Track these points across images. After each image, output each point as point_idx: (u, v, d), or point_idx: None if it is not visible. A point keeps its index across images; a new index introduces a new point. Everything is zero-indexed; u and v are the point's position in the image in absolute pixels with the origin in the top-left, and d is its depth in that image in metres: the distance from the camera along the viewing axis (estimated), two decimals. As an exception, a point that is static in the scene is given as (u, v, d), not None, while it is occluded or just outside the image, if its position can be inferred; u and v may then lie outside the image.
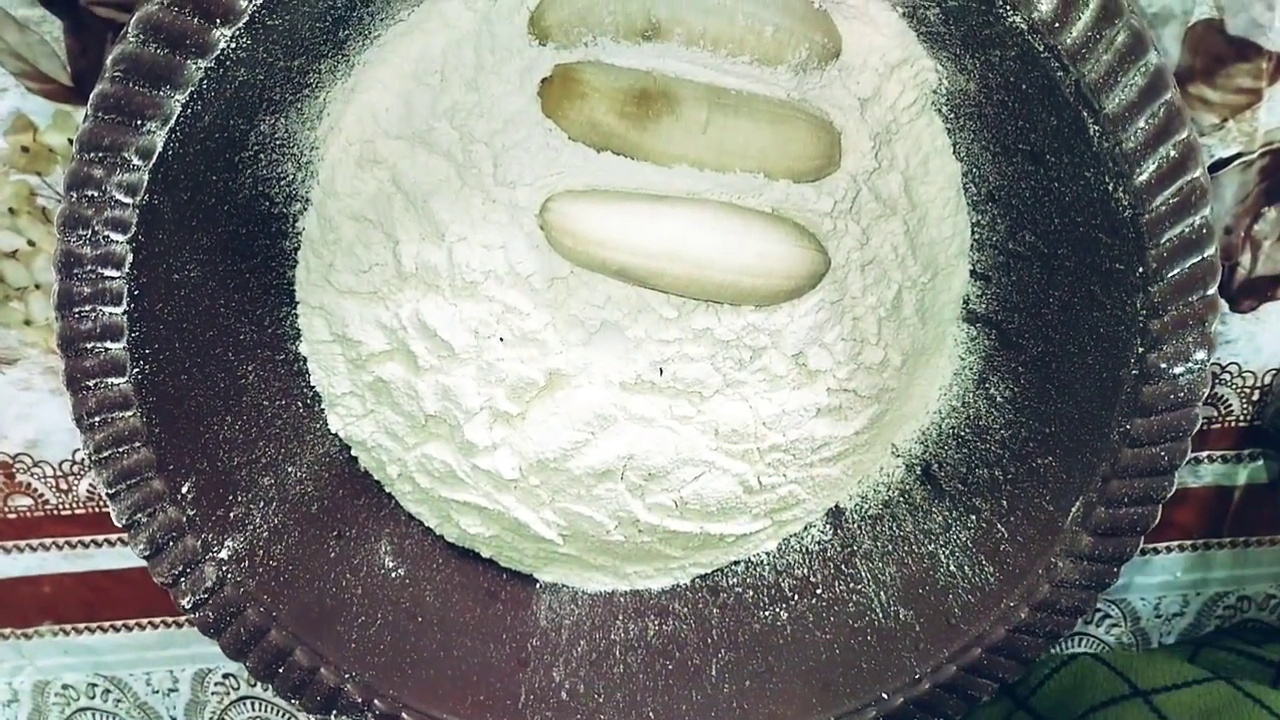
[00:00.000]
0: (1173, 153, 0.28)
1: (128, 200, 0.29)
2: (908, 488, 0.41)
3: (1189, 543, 0.46)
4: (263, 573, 0.36)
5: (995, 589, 0.36)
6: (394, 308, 0.37)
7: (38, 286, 0.41)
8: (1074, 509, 0.34)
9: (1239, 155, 0.38)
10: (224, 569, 0.35)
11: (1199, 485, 0.44)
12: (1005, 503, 0.37)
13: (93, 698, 0.50)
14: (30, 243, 0.40)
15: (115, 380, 0.31)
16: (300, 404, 0.39)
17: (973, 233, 0.38)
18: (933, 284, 0.38)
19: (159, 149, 0.28)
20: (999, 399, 0.38)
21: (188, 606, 0.35)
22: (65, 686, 0.49)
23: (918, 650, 0.37)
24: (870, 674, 0.38)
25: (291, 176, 0.36)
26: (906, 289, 0.37)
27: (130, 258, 0.30)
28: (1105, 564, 0.34)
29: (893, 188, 0.36)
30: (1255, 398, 0.43)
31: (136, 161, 0.28)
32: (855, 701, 0.38)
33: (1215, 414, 0.43)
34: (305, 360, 0.39)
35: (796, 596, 0.41)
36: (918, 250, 0.37)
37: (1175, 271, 0.30)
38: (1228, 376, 0.42)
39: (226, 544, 0.35)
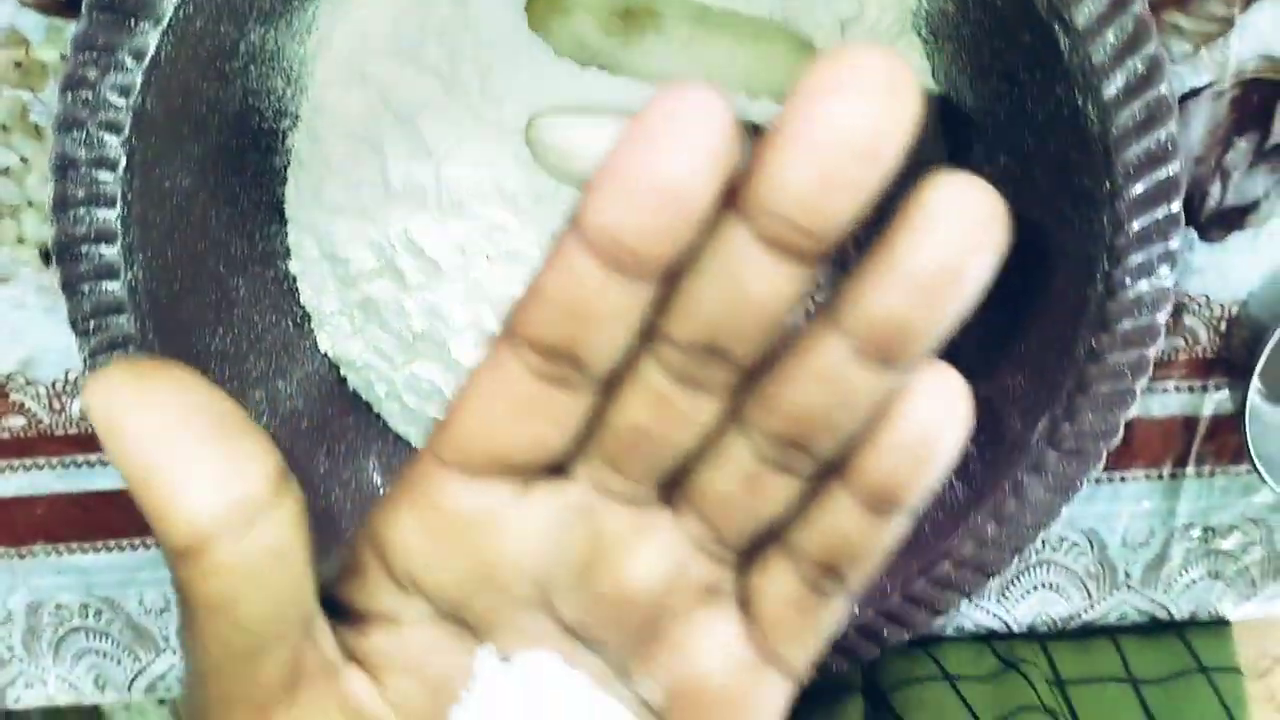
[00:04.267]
0: (1140, 66, 0.29)
1: (121, 102, 0.29)
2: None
3: (1155, 472, 0.47)
4: (253, 481, 0.37)
5: (964, 506, 0.37)
6: (382, 226, 0.37)
7: (30, 204, 0.42)
8: (1040, 426, 0.35)
9: (1210, 84, 0.39)
10: (215, 475, 0.35)
11: (1165, 416, 0.46)
12: (975, 424, 0.38)
13: (85, 618, 0.51)
14: (23, 159, 0.41)
15: (109, 285, 0.32)
16: (290, 322, 0.40)
17: (950, 157, 0.38)
18: (910, 209, 0.39)
19: (151, 50, 0.29)
20: (971, 321, 0.39)
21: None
22: (59, 606, 0.50)
23: (887, 565, 0.39)
24: (843, 587, 0.39)
25: (281, 91, 0.36)
26: (884, 214, 0.38)
27: (124, 160, 0.30)
28: (1069, 479, 0.35)
29: (872, 112, 0.37)
30: (1222, 328, 0.44)
31: (130, 62, 0.29)
32: (828, 613, 0.39)
33: (1182, 344, 0.44)
34: (295, 279, 0.40)
35: (773, 517, 0.43)
36: (896, 175, 0.38)
37: (1140, 187, 0.31)
38: (1195, 307, 0.43)
39: (218, 451, 0.36)
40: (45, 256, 0.42)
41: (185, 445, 0.18)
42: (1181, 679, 0.48)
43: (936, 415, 0.20)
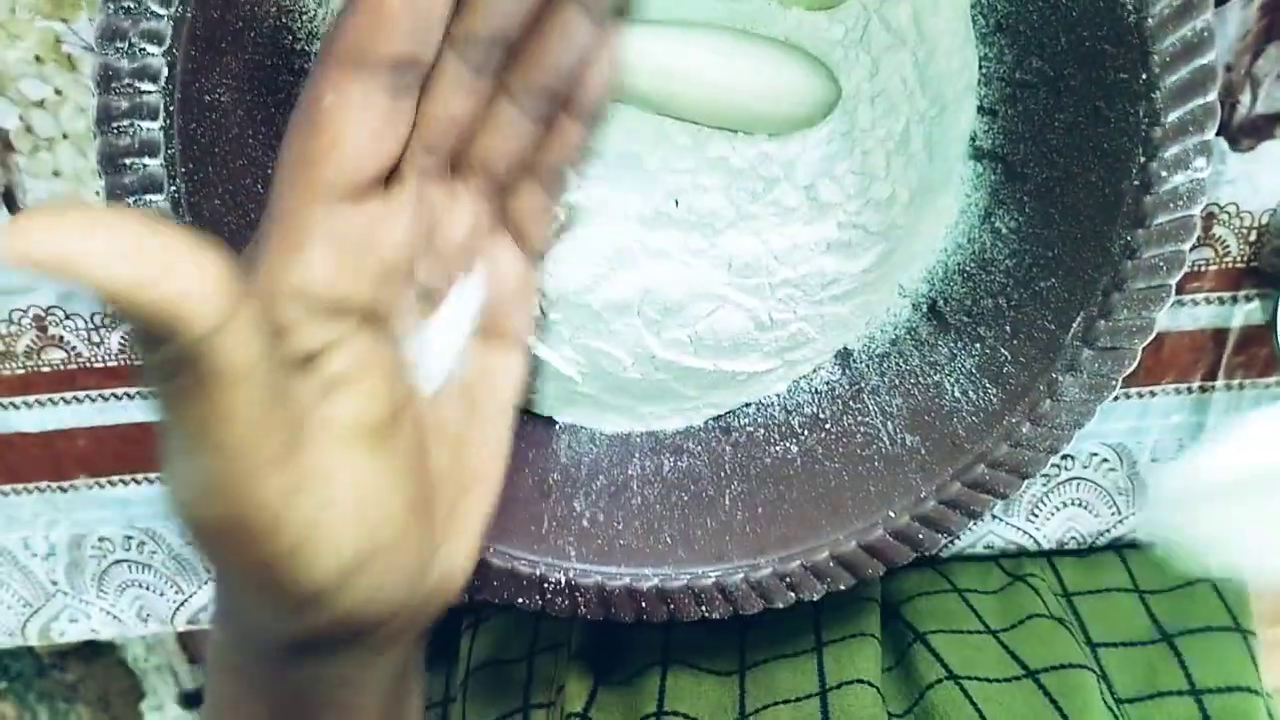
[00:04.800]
0: (1177, -49, 0.29)
1: (162, 11, 0.30)
2: (914, 325, 0.42)
3: (1185, 385, 0.47)
4: (296, 398, 0.37)
5: (998, 408, 0.38)
6: (416, 145, 0.38)
7: (65, 136, 0.42)
8: (1075, 325, 0.36)
9: (1242, -12, 0.39)
10: (260, 390, 0.36)
11: (1195, 328, 0.46)
12: (1009, 328, 0.38)
13: (128, 550, 0.52)
14: (57, 91, 0.41)
15: (154, 197, 0.32)
16: (326, 245, 0.40)
17: (981, 67, 0.38)
18: (940, 119, 0.39)
19: (192, -43, 0.29)
20: (1004, 231, 0.39)
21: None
22: (101, 539, 0.51)
23: (923, 471, 0.39)
24: (878, 495, 0.40)
25: (312, 11, 0.36)
26: (915, 123, 0.38)
27: (165, 71, 0.31)
28: (1104, 377, 0.36)
29: (902, 18, 0.37)
30: (1252, 238, 0.44)
31: (171, -31, 0.29)
32: (863, 521, 0.40)
33: (1212, 254, 0.44)
34: (329, 202, 0.40)
35: (806, 432, 0.43)
36: (926, 84, 0.38)
37: (1177, 77, 0.31)
38: (1225, 217, 0.43)
39: (262, 367, 0.36)
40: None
41: (158, 249, 0.20)
42: (1188, 588, 0.49)
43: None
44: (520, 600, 0.40)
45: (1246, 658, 0.46)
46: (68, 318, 0.46)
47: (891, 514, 0.39)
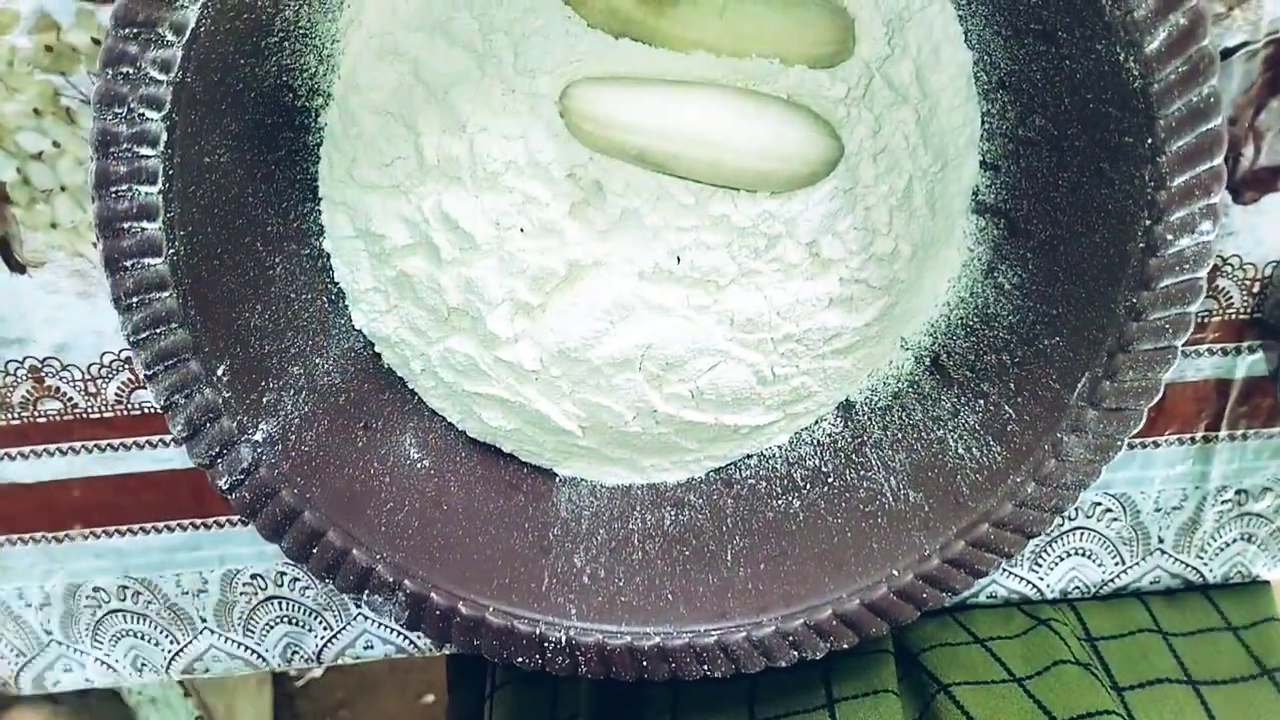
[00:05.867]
0: (1182, 20, 0.29)
1: (162, 77, 0.29)
2: (917, 378, 0.42)
3: (1188, 435, 0.47)
4: (295, 457, 0.37)
5: (1002, 466, 0.38)
6: (416, 201, 0.37)
7: (63, 189, 0.42)
8: (1080, 385, 0.35)
9: (1244, 44, 0.39)
10: (259, 451, 0.36)
11: (1199, 378, 0.46)
12: (1012, 385, 0.38)
13: (123, 600, 0.51)
14: (55, 144, 0.41)
15: (152, 261, 0.32)
16: (325, 299, 0.40)
17: (983, 122, 0.38)
18: (943, 174, 0.39)
19: (191, 24, 0.29)
20: (1007, 286, 0.39)
21: (224, 487, 0.36)
22: (96, 589, 0.51)
23: (927, 528, 0.39)
24: (881, 553, 0.39)
25: (314, 69, 0.36)
26: (917, 179, 0.38)
27: (164, 136, 0.30)
28: (1109, 438, 0.35)
29: (905, 75, 0.37)
30: (1255, 289, 0.43)
31: (170, 37, 0.29)
32: (866, 579, 0.39)
33: (1216, 306, 0.44)
34: (329, 256, 0.40)
35: (808, 485, 0.43)
36: (929, 140, 0.38)
37: (1183, 141, 0.30)
38: (1229, 268, 0.43)
39: (260, 427, 0.36)
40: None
41: None
42: (1211, 633, 0.48)
43: None
44: (520, 660, 0.39)
45: (1276, 703, 0.45)
46: (64, 369, 0.45)
47: (895, 572, 0.39)
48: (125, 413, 0.46)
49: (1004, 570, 0.50)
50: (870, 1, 0.35)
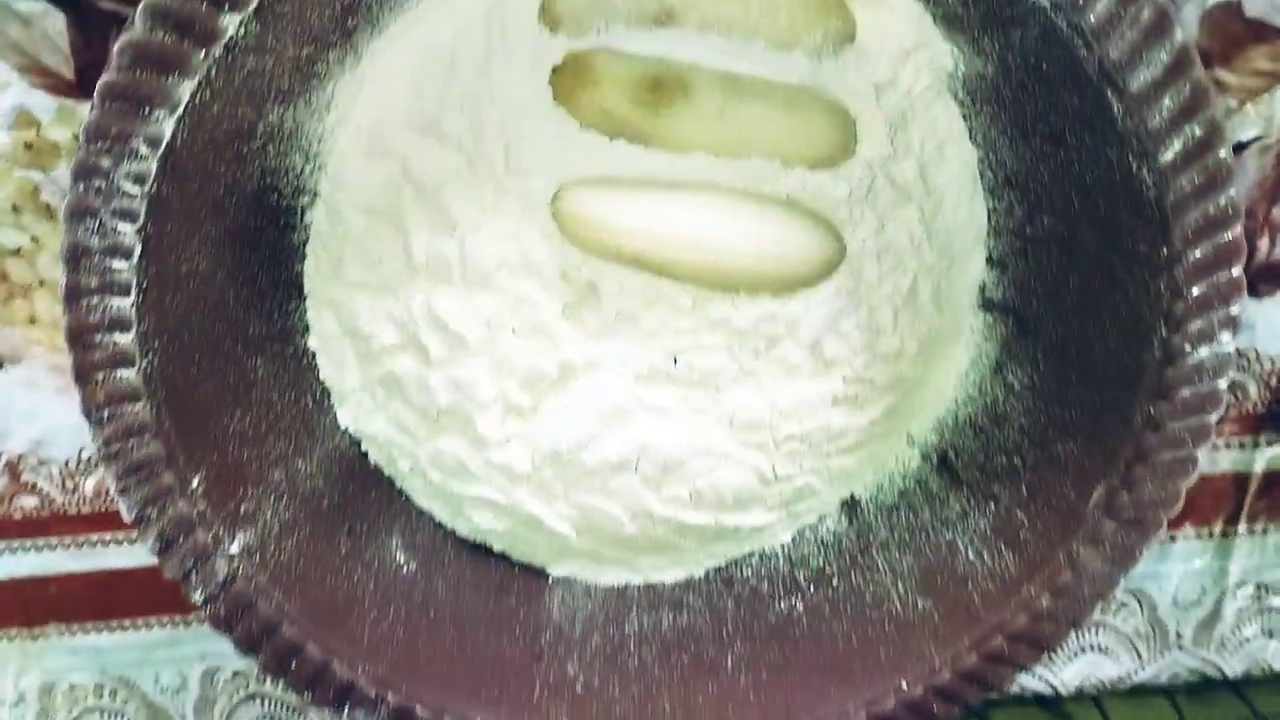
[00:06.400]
0: (1198, 131, 0.28)
1: (135, 190, 0.28)
2: (924, 477, 0.40)
3: (1206, 530, 0.45)
4: (274, 568, 0.36)
5: (1015, 577, 0.36)
6: (405, 300, 0.36)
7: (42, 284, 0.41)
8: (1096, 495, 0.34)
9: (1257, 139, 0.38)
10: (235, 563, 0.34)
11: (1216, 472, 0.44)
12: (1025, 490, 0.37)
13: (100, 697, 0.49)
14: (34, 239, 0.40)
15: (124, 372, 0.31)
16: (310, 399, 0.39)
17: (990, 219, 0.37)
18: (949, 272, 0.38)
19: (167, 137, 0.28)
20: (1017, 386, 0.37)
21: (199, 601, 0.34)
22: (72, 687, 0.49)
23: (937, 639, 0.37)
24: (889, 663, 0.38)
25: (300, 169, 0.35)
26: (922, 277, 0.37)
27: (138, 248, 0.29)
28: (1128, 550, 0.34)
29: (908, 174, 0.36)
30: (1273, 383, 0.42)
31: (144, 150, 0.28)
32: (873, 690, 0.37)
33: (1233, 399, 0.43)
34: (314, 355, 0.39)
35: (812, 588, 0.41)
36: (934, 237, 0.37)
37: (1200, 252, 0.29)
38: (1245, 362, 0.42)
39: (237, 538, 0.35)
40: None
41: None
42: None
43: None
44: (510, 779, 0.37)
45: None
46: (41, 464, 0.44)
47: (904, 684, 0.37)
48: (103, 508, 0.45)
49: (1016, 668, 0.48)
50: (872, 101, 0.34)
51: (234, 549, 0.35)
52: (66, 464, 0.44)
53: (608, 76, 0.32)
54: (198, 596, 0.34)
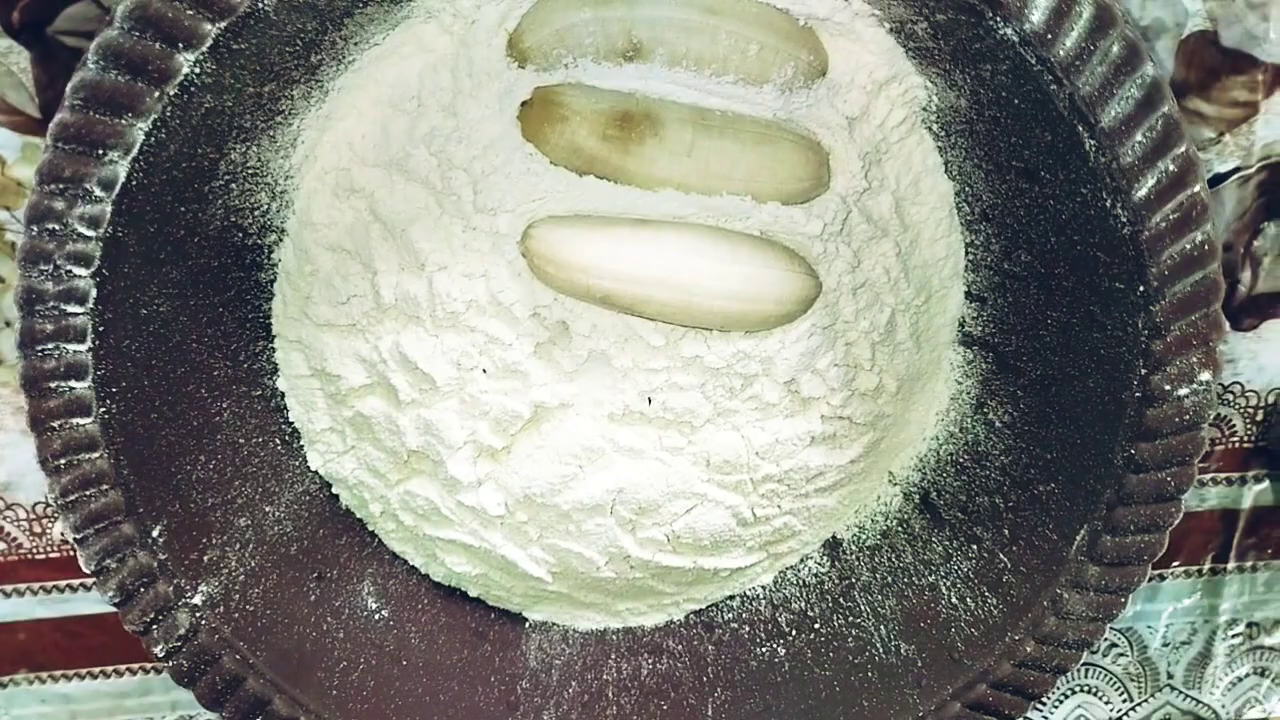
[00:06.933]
0: (1171, 167, 0.27)
1: (90, 233, 0.28)
2: (906, 517, 0.40)
3: (1195, 568, 0.44)
4: (239, 618, 0.35)
5: (999, 621, 0.35)
6: (373, 340, 0.35)
7: (8, 324, 0.40)
8: (1079, 538, 0.33)
9: (1236, 170, 0.37)
10: (198, 615, 0.33)
11: (1204, 509, 0.43)
12: (1007, 531, 0.36)
13: (69, 747, 0.48)
14: (0, 279, 0.39)
15: (81, 421, 0.30)
16: (278, 441, 0.38)
17: (967, 253, 0.37)
18: (927, 307, 0.37)
19: (122, 179, 0.27)
20: (998, 424, 0.37)
21: (160, 655, 0.33)
22: (40, 736, 0.48)
23: (920, 686, 0.36)
24: (872, 711, 0.37)
25: (266, 206, 0.35)
26: (900, 312, 0.36)
27: (94, 293, 0.28)
28: (1112, 594, 0.33)
29: (884, 209, 0.35)
30: (1259, 417, 0.41)
31: (99, 193, 0.27)
32: (857, 741, 0.36)
33: (1219, 435, 0.42)
34: (283, 396, 0.38)
35: (794, 632, 0.40)
36: (910, 272, 0.36)
37: (1177, 290, 0.29)
38: (1230, 396, 0.41)
39: (200, 589, 0.34)
40: None
41: None
42: None
43: None
44: (483, 834, 0.36)
45: None
46: (8, 508, 0.43)
47: (888, 737, 0.36)
48: (71, 553, 0.44)
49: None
50: (845, 135, 0.33)
51: (197, 600, 0.34)
52: (34, 508, 0.43)
53: (577, 111, 0.32)
54: (159, 650, 0.33)
